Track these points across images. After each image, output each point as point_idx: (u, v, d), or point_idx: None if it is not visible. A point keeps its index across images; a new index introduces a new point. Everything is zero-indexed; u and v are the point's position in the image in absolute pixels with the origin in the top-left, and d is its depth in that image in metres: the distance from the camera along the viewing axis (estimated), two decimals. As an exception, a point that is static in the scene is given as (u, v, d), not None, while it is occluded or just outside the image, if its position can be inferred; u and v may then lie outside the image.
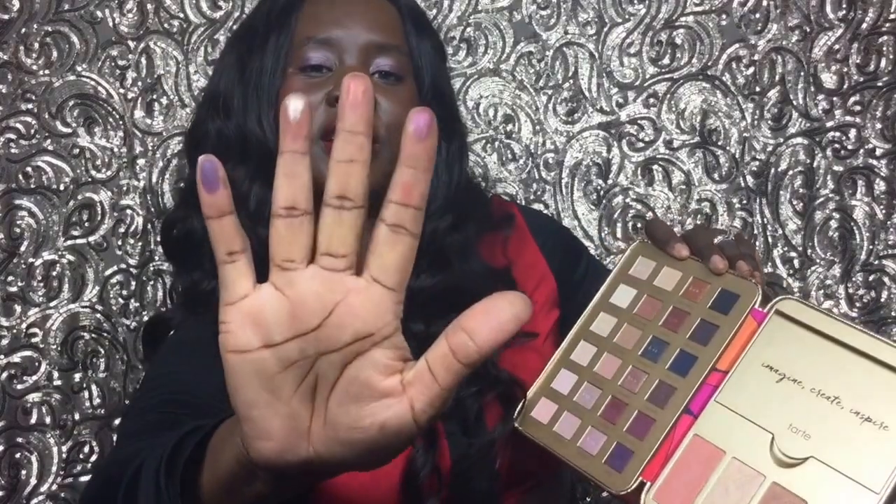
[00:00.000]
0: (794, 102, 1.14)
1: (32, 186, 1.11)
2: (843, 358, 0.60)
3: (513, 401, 0.73)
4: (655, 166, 1.16)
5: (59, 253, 1.12)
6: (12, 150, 1.11)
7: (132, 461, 0.55)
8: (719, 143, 1.15)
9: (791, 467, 0.57)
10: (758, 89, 1.14)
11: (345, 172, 0.38)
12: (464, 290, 0.76)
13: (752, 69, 1.14)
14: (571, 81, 1.15)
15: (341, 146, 0.38)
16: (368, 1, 0.79)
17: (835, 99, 1.14)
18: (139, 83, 1.12)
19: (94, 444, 1.12)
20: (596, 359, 0.69)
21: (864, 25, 1.13)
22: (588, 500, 1.16)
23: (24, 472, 1.11)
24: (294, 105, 0.38)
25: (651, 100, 1.15)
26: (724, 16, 1.14)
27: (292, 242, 0.38)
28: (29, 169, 1.11)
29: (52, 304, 1.11)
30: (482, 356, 0.37)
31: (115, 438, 0.97)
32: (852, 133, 1.14)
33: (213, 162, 0.39)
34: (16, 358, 1.11)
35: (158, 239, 1.12)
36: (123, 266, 1.12)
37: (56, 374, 1.11)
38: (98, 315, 1.12)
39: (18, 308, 1.11)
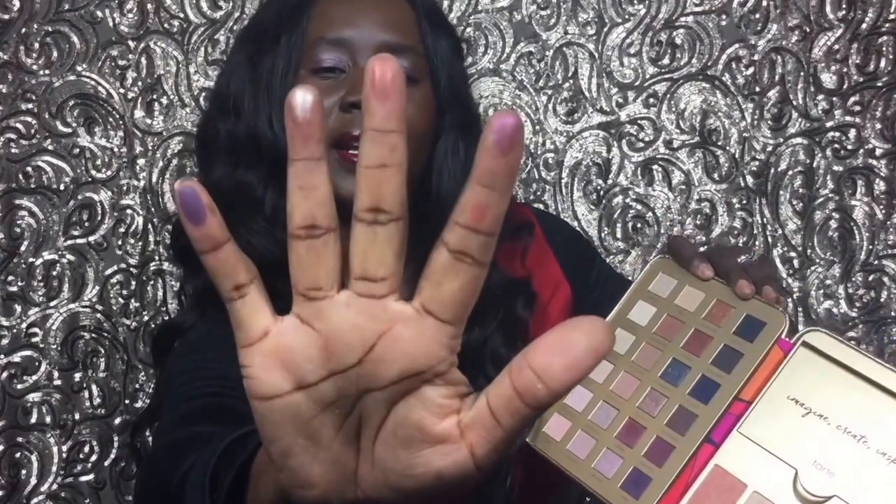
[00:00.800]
0: (794, 102, 1.14)
1: (32, 186, 1.11)
2: (870, 395, 0.58)
3: None
4: (655, 166, 1.16)
5: (60, 253, 1.12)
6: (12, 150, 1.11)
7: (181, 456, 0.53)
8: (719, 143, 1.15)
9: None
10: (757, 89, 1.14)
11: (376, 179, 0.32)
12: (483, 301, 0.76)
13: (751, 69, 1.14)
14: (571, 81, 1.15)
15: (370, 148, 0.31)
16: (386, 1, 0.77)
17: (834, 99, 1.14)
18: (139, 83, 1.12)
19: (94, 443, 1.12)
20: (612, 377, 0.67)
21: (864, 26, 1.13)
22: (588, 500, 1.16)
23: (24, 471, 1.11)
24: (302, 98, 0.32)
25: (651, 100, 1.15)
26: (723, 16, 1.14)
27: (317, 267, 0.32)
28: (29, 169, 1.11)
29: (53, 303, 1.12)
30: (554, 398, 0.31)
31: (150, 437, 0.95)
32: (852, 133, 1.14)
33: (192, 188, 0.32)
34: (16, 357, 1.11)
35: (159, 239, 1.12)
36: (123, 266, 1.13)
37: (56, 374, 1.11)
38: (98, 315, 1.12)
39: (18, 308, 1.11)
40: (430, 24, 0.79)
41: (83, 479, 1.12)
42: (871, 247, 1.14)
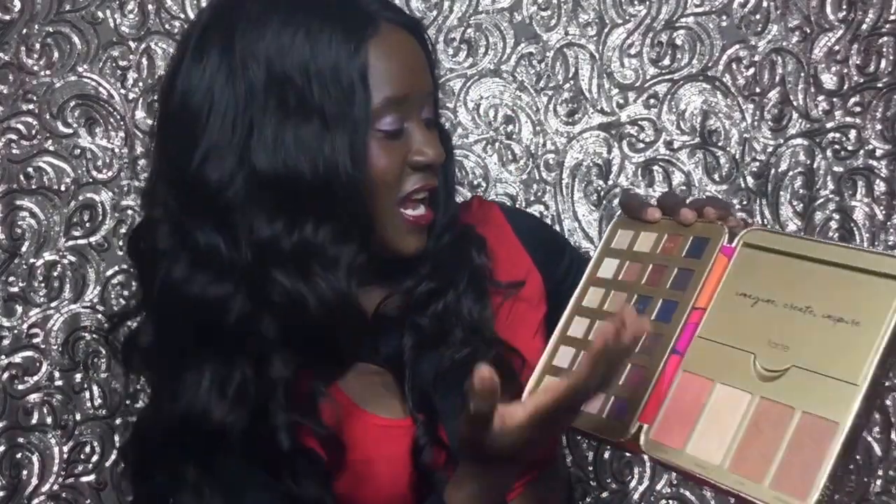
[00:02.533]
0: (795, 103, 1.15)
1: (33, 187, 1.11)
2: (810, 270, 0.62)
3: (506, 366, 0.74)
4: (656, 167, 1.16)
5: (61, 253, 1.12)
6: (13, 151, 1.11)
7: None
8: (719, 144, 1.15)
9: (775, 380, 0.60)
10: (758, 90, 1.15)
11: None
12: (448, 264, 0.80)
13: (752, 70, 1.14)
14: (572, 82, 1.15)
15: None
16: (413, 45, 0.76)
17: (835, 100, 1.14)
18: (140, 84, 1.13)
19: (95, 444, 1.13)
20: (590, 329, 0.71)
21: (864, 26, 1.13)
22: (588, 500, 1.16)
23: (25, 472, 1.11)
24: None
25: (651, 101, 1.15)
26: (724, 17, 1.14)
27: None
28: (30, 169, 1.11)
29: (53, 304, 1.12)
30: None
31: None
32: (852, 134, 1.14)
33: None
34: (17, 358, 1.11)
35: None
36: (124, 266, 1.13)
37: (57, 375, 1.12)
38: (99, 315, 1.12)
39: (20, 308, 1.11)
40: (430, 58, 0.80)
41: (84, 479, 1.12)
42: (871, 247, 1.14)
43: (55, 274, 1.12)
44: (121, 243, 1.13)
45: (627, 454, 1.13)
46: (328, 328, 0.72)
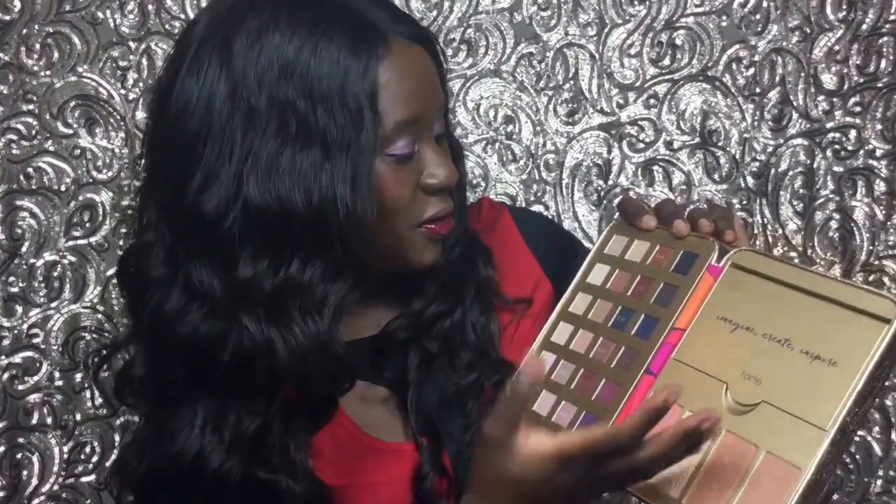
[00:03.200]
0: (795, 103, 1.15)
1: (34, 187, 1.11)
2: (794, 300, 0.59)
3: None
4: (656, 167, 1.16)
5: (61, 254, 1.12)
6: (13, 151, 1.11)
7: None
8: (719, 144, 1.15)
9: (743, 414, 0.57)
10: (758, 90, 1.15)
11: None
12: (454, 280, 0.77)
13: (752, 70, 1.14)
14: (572, 82, 1.15)
15: None
16: (424, 60, 0.71)
17: (835, 100, 1.14)
18: (140, 84, 1.13)
19: (95, 444, 1.13)
20: (572, 337, 0.69)
21: (865, 26, 1.13)
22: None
23: (25, 472, 1.11)
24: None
25: (651, 101, 1.15)
26: (724, 17, 1.14)
27: None
28: (30, 170, 1.11)
29: (54, 304, 1.12)
30: None
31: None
32: (852, 134, 1.14)
33: None
34: (17, 358, 1.11)
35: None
36: (124, 267, 1.12)
37: (57, 375, 1.12)
38: (99, 316, 1.12)
39: (20, 309, 1.11)
40: (440, 69, 0.75)
41: (84, 479, 1.12)
42: (871, 247, 1.14)
43: (55, 274, 1.12)
44: (121, 243, 1.13)
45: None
46: (303, 377, 0.68)
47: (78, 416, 1.12)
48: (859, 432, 1.13)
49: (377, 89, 0.65)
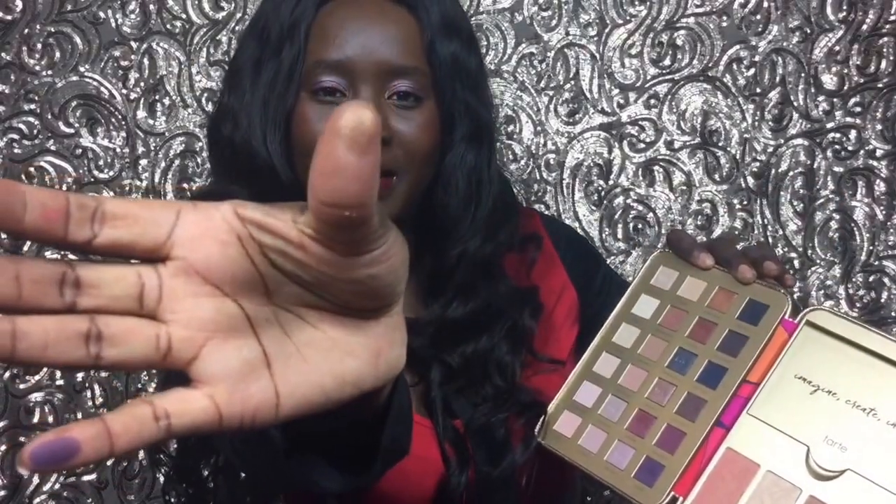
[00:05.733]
0: (795, 103, 1.15)
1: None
2: (877, 369, 0.58)
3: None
4: (656, 167, 1.16)
5: (62, 253, 1.12)
6: (15, 151, 1.11)
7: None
8: (720, 144, 1.15)
9: (828, 480, 0.56)
10: (758, 90, 1.15)
11: None
12: (491, 310, 0.75)
13: (752, 70, 1.15)
14: (573, 82, 1.15)
15: None
16: (385, 15, 0.71)
17: (835, 100, 1.14)
18: (141, 84, 1.13)
19: (96, 443, 1.13)
20: (620, 370, 0.67)
21: (865, 27, 1.14)
22: (588, 500, 1.16)
23: (26, 471, 1.11)
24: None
25: (652, 101, 1.15)
26: (724, 17, 1.14)
27: None
28: (32, 169, 1.11)
29: (55, 303, 1.12)
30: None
31: None
32: (852, 134, 1.14)
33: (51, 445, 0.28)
34: (18, 357, 1.11)
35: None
36: (126, 266, 1.13)
37: (58, 374, 1.12)
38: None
39: (21, 308, 1.11)
40: (438, 35, 0.73)
41: (85, 478, 1.12)
42: (871, 247, 1.14)
43: (56, 273, 1.12)
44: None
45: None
46: None
47: (79, 415, 1.12)
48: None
49: (311, 28, 0.70)
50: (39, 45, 1.11)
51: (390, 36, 0.70)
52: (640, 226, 1.16)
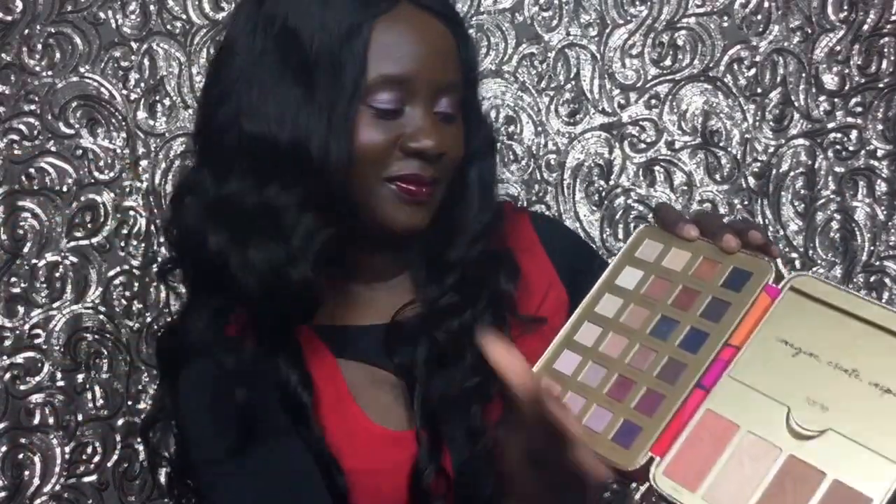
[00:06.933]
0: (796, 104, 1.15)
1: (35, 188, 1.11)
2: (860, 332, 0.59)
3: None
4: (657, 167, 1.16)
5: (62, 254, 1.12)
6: (15, 152, 1.11)
7: None
8: (721, 145, 1.15)
9: (808, 440, 0.57)
10: (759, 90, 1.15)
11: None
12: (469, 281, 0.78)
13: (753, 70, 1.15)
14: (573, 83, 1.15)
15: None
16: (433, 30, 0.74)
17: (836, 100, 1.14)
18: (142, 84, 1.13)
19: (96, 444, 1.13)
20: (601, 339, 0.67)
21: (866, 27, 1.14)
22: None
23: (26, 472, 1.11)
24: None
25: (653, 101, 1.15)
26: (725, 17, 1.14)
27: None
28: (32, 170, 1.11)
29: (55, 305, 1.12)
30: None
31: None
32: (853, 134, 1.14)
33: None
34: (19, 359, 1.11)
35: (161, 241, 1.12)
36: (126, 267, 1.13)
37: (59, 375, 1.12)
38: (101, 316, 1.12)
39: (21, 309, 1.11)
40: (466, 51, 0.78)
41: (86, 479, 1.12)
42: (872, 248, 1.14)
43: (57, 275, 1.12)
44: (122, 244, 1.13)
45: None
46: (253, 298, 0.71)
47: (79, 417, 1.12)
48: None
49: (369, 41, 0.71)
50: (40, 46, 1.11)
51: (440, 52, 0.74)
52: (640, 226, 1.16)
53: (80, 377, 1.12)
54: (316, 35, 0.71)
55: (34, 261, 1.11)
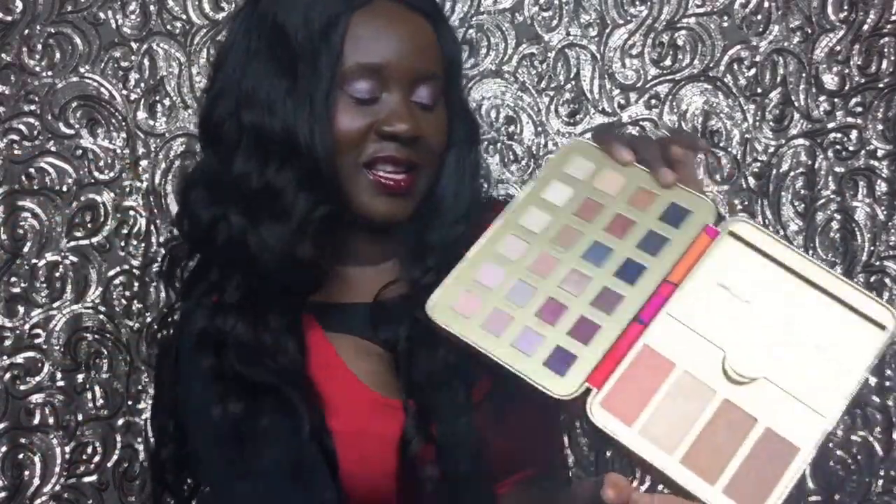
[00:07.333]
0: (796, 104, 1.15)
1: (35, 188, 1.11)
2: (796, 286, 0.60)
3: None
4: (657, 167, 1.16)
5: (62, 254, 1.12)
6: (15, 152, 1.11)
7: None
8: (721, 145, 1.15)
9: (742, 385, 0.58)
10: (759, 90, 1.15)
11: None
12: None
13: (753, 70, 1.15)
14: (573, 83, 1.15)
15: None
16: (411, 23, 0.78)
17: (836, 100, 1.14)
18: (142, 84, 1.13)
19: (96, 444, 1.13)
20: (529, 255, 0.64)
21: (866, 27, 1.14)
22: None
23: (27, 472, 1.11)
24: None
25: (653, 101, 1.15)
26: (725, 17, 1.14)
27: None
28: (32, 170, 1.11)
29: (55, 305, 1.12)
30: None
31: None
32: (853, 134, 1.14)
33: None
34: (19, 359, 1.11)
35: (161, 241, 1.12)
36: (126, 267, 1.13)
37: (59, 375, 1.12)
38: (101, 316, 1.12)
39: (21, 309, 1.11)
40: (448, 43, 0.82)
41: (86, 480, 1.12)
42: (872, 248, 1.14)
43: (57, 275, 1.12)
44: (122, 244, 1.13)
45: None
46: (267, 272, 0.76)
47: (80, 417, 1.12)
48: (860, 432, 1.13)
49: (346, 32, 0.76)
50: (40, 46, 1.11)
51: (417, 43, 0.78)
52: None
53: (80, 377, 1.12)
54: (299, 29, 0.76)
55: (34, 261, 1.11)
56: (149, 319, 1.13)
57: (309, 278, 0.78)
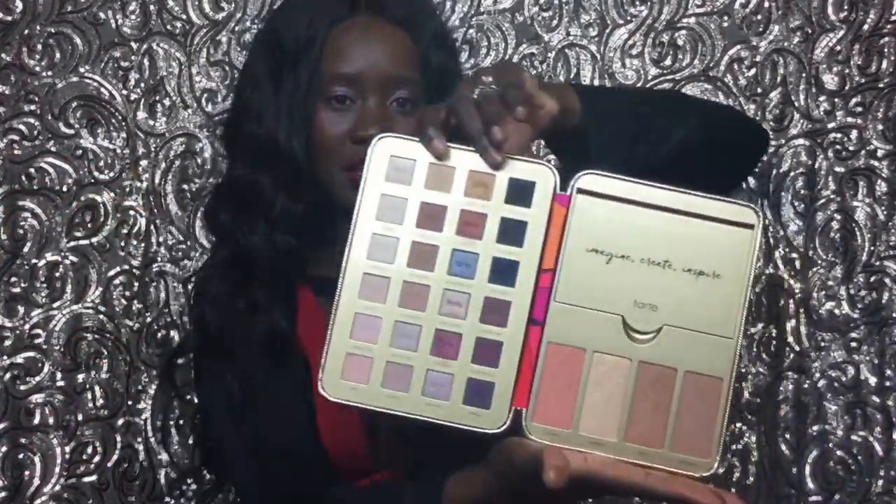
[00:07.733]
0: (796, 104, 1.15)
1: (35, 188, 1.11)
2: (658, 220, 0.59)
3: None
4: (657, 167, 1.16)
5: (62, 254, 1.12)
6: (15, 152, 1.11)
7: None
8: (721, 145, 1.15)
9: (650, 342, 0.58)
10: (759, 90, 1.15)
11: None
12: None
13: (753, 70, 1.15)
14: (574, 83, 1.15)
15: None
16: (386, 34, 0.84)
17: (836, 100, 1.14)
18: (142, 84, 1.13)
19: (96, 444, 1.13)
20: (392, 292, 0.58)
21: (866, 27, 1.14)
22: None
23: (27, 472, 1.11)
24: None
25: (653, 101, 1.15)
26: (725, 17, 1.14)
27: None
28: (32, 170, 1.11)
29: (55, 305, 1.12)
30: None
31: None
32: (854, 134, 1.14)
33: None
34: (19, 359, 1.11)
35: (161, 241, 1.12)
36: (126, 267, 1.13)
37: (59, 375, 1.12)
38: (101, 316, 1.12)
39: (21, 309, 1.11)
40: (429, 49, 0.87)
41: (86, 480, 1.12)
42: (872, 248, 1.14)
43: (57, 274, 1.12)
44: (122, 244, 1.13)
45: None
46: (256, 264, 0.84)
47: (80, 417, 1.12)
48: (860, 432, 1.13)
49: (325, 44, 0.83)
50: (39, 46, 1.11)
51: (391, 52, 0.84)
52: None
53: (80, 377, 1.12)
54: (286, 41, 0.84)
55: (34, 261, 1.11)
56: (149, 319, 1.13)
57: (292, 262, 0.84)
